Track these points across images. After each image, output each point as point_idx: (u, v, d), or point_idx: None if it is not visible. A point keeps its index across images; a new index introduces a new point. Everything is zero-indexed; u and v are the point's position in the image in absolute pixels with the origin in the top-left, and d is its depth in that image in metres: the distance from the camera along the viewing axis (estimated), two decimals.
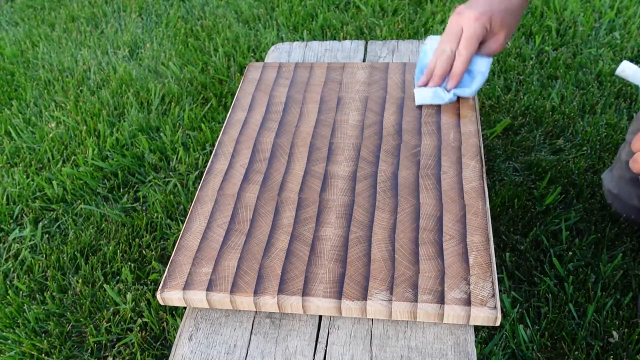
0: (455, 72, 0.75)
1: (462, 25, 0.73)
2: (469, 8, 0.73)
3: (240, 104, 0.84)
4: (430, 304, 0.54)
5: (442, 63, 0.75)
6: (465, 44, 0.73)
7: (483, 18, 0.72)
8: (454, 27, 0.73)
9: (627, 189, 1.04)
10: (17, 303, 1.06)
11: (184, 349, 0.57)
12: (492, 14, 0.72)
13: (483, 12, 0.72)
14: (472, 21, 0.72)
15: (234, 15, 1.99)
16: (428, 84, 0.78)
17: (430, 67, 0.77)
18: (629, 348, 0.90)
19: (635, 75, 0.82)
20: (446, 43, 0.74)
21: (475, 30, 0.72)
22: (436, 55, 0.76)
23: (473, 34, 0.72)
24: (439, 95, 0.77)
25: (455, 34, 0.73)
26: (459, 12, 0.73)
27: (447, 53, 0.74)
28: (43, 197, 1.31)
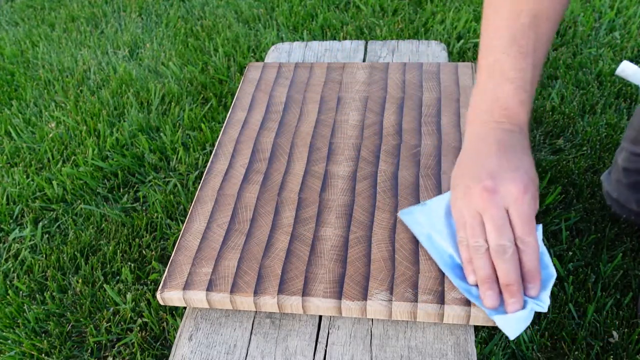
0: (533, 270, 0.52)
1: (507, 206, 0.52)
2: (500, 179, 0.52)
3: (240, 104, 0.84)
4: (430, 304, 0.54)
5: (510, 263, 0.51)
6: (525, 226, 0.51)
7: (530, 186, 0.53)
8: (496, 212, 0.51)
9: (625, 194, 1.04)
10: (17, 303, 1.06)
11: (184, 349, 0.57)
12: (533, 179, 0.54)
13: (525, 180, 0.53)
14: (520, 195, 0.52)
15: (234, 15, 1.99)
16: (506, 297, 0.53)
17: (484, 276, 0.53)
18: (629, 348, 0.90)
19: (635, 75, 0.83)
20: (496, 235, 0.51)
21: (530, 204, 0.52)
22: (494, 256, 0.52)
23: (530, 212, 0.52)
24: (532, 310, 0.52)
25: (503, 219, 0.52)
26: (492, 190, 0.52)
27: (509, 249, 0.51)
28: (43, 197, 1.31)
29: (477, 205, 0.52)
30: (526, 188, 0.52)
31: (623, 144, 1.01)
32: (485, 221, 0.52)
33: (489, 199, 0.52)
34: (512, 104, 0.57)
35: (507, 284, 0.51)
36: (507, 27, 0.58)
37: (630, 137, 0.99)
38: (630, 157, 1.00)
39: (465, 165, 0.56)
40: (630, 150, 0.99)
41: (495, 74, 0.58)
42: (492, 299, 0.52)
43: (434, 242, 0.57)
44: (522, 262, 0.52)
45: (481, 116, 0.58)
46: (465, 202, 0.53)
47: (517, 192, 0.52)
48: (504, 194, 0.52)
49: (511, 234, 0.52)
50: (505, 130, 0.56)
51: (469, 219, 0.53)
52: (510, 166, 0.53)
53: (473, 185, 0.53)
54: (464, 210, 0.53)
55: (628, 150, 1.00)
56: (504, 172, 0.53)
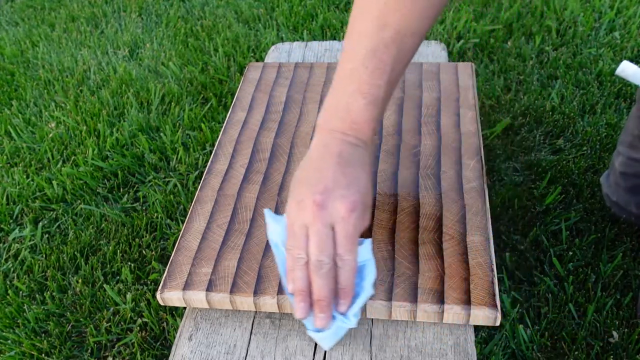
0: (346, 287, 0.53)
1: (332, 223, 0.52)
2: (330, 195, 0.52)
3: (240, 104, 0.84)
4: (430, 304, 0.54)
5: (324, 279, 0.52)
6: (347, 246, 0.52)
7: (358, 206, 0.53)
8: (320, 227, 0.52)
9: (624, 197, 1.04)
10: (17, 303, 1.06)
11: (184, 349, 0.57)
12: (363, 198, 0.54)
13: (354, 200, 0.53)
14: (346, 215, 0.52)
15: (234, 15, 1.99)
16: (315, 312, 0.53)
17: (299, 288, 0.53)
18: (629, 348, 0.90)
19: (635, 75, 0.82)
20: (317, 249, 0.51)
21: (355, 225, 0.52)
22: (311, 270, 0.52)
23: (353, 232, 0.52)
24: (340, 327, 0.54)
25: (326, 235, 0.52)
26: (320, 205, 0.52)
27: (326, 265, 0.51)
28: (43, 197, 1.31)
29: (305, 217, 0.52)
30: (353, 207, 0.52)
31: (619, 148, 1.01)
32: (310, 235, 0.52)
33: (316, 214, 0.52)
34: (362, 119, 0.57)
35: (318, 299, 0.52)
36: (370, 37, 0.56)
37: (626, 142, 0.99)
38: (627, 162, 1.00)
39: (305, 172, 0.56)
40: (627, 155, 0.99)
41: (351, 84, 0.57)
42: (303, 310, 0.53)
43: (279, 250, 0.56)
44: (338, 279, 0.53)
45: (330, 124, 0.58)
46: (297, 213, 0.53)
47: (344, 211, 0.52)
48: (331, 211, 0.52)
49: (331, 250, 0.52)
50: (350, 143, 0.57)
51: (297, 229, 0.53)
52: (345, 182, 0.53)
53: (306, 197, 0.53)
54: (295, 220, 0.53)
55: (625, 155, 1.00)
56: (337, 189, 0.53)
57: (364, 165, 0.57)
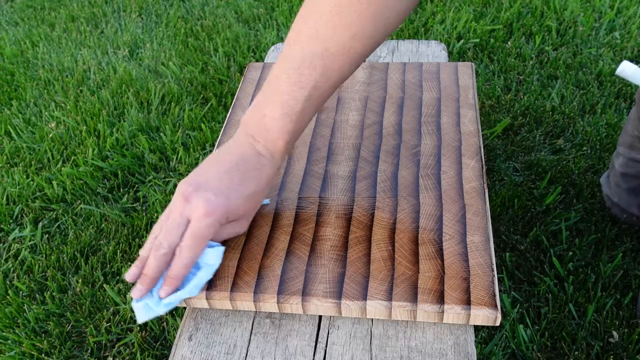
0: (173, 276, 0.55)
1: (189, 217, 0.54)
2: (198, 192, 0.54)
3: (240, 104, 0.84)
4: (430, 304, 0.54)
5: (156, 260, 0.55)
6: (190, 242, 0.54)
7: (217, 213, 0.54)
8: (177, 216, 0.55)
9: (625, 198, 1.04)
10: (17, 303, 1.06)
11: (184, 349, 0.57)
12: (229, 207, 0.55)
13: (216, 206, 0.54)
14: (201, 216, 0.54)
15: (234, 15, 1.99)
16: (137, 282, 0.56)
17: (141, 257, 0.56)
18: (629, 348, 0.90)
19: (635, 75, 0.83)
20: (164, 234, 0.55)
21: (206, 228, 0.54)
22: (150, 245, 0.56)
23: (201, 234, 0.54)
24: (150, 308, 0.56)
25: (178, 225, 0.55)
26: (186, 197, 0.54)
27: (163, 249, 0.54)
28: (43, 197, 1.31)
29: (174, 202, 0.56)
30: (211, 212, 0.54)
31: (619, 149, 1.01)
32: (164, 213, 0.57)
33: (178, 203, 0.55)
34: (274, 129, 0.57)
35: (144, 273, 0.55)
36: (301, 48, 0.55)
37: (626, 143, 0.99)
38: (627, 163, 1.00)
39: (204, 164, 0.58)
40: (627, 156, 0.99)
41: (273, 90, 0.57)
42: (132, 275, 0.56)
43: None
44: (170, 266, 0.55)
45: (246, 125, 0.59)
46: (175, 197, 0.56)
47: (200, 211, 0.54)
48: (192, 206, 0.54)
49: (176, 240, 0.55)
50: (254, 150, 0.58)
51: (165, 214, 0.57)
52: (218, 187, 0.55)
53: (179, 186, 0.56)
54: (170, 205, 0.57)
55: (625, 156, 1.00)
56: (207, 190, 0.55)
57: (259, 177, 0.58)
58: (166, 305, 0.56)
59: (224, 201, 0.55)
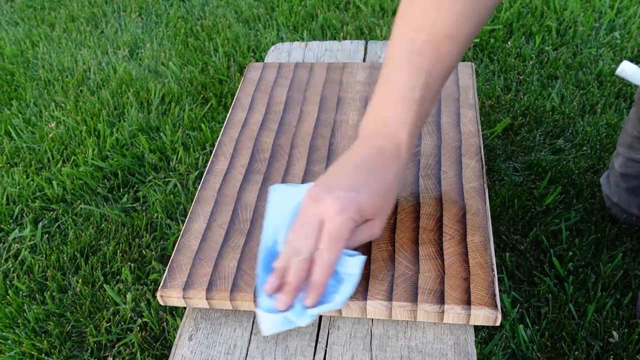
0: (317, 282, 0.52)
1: (322, 218, 0.52)
2: (329, 192, 0.53)
3: (240, 104, 0.84)
4: (430, 304, 0.54)
5: (296, 269, 0.52)
6: (328, 245, 0.52)
7: (350, 209, 0.52)
8: (310, 218, 0.53)
9: (625, 198, 1.04)
10: (17, 303, 1.06)
11: (184, 349, 0.57)
12: (360, 202, 0.53)
13: (348, 202, 0.52)
14: (335, 215, 0.52)
15: (234, 15, 1.99)
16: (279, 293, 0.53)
17: (278, 268, 0.54)
18: (629, 348, 0.90)
19: (635, 75, 0.83)
20: (300, 239, 0.53)
21: (341, 226, 0.52)
22: (288, 254, 0.53)
23: (338, 234, 0.52)
24: (289, 320, 0.52)
25: (313, 228, 0.52)
26: (316, 198, 0.53)
27: (302, 255, 0.52)
28: (43, 197, 1.31)
29: (303, 207, 0.54)
30: (343, 209, 0.52)
31: (618, 149, 1.01)
32: (297, 223, 0.54)
33: (310, 204, 0.53)
34: (394, 121, 0.56)
35: (286, 282, 0.53)
36: (408, 41, 0.56)
37: (625, 143, 0.99)
38: (627, 163, 1.00)
39: (327, 172, 0.57)
40: (627, 156, 0.99)
41: (386, 87, 0.57)
42: (272, 286, 0.53)
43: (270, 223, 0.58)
44: (311, 273, 0.53)
45: (364, 127, 0.59)
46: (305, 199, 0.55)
47: (333, 210, 0.52)
48: (324, 207, 0.52)
49: (313, 243, 0.52)
50: (377, 147, 0.56)
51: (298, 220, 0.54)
52: (349, 185, 0.54)
53: (311, 188, 0.54)
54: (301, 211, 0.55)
55: (624, 156, 1.00)
56: (337, 189, 0.53)
57: (386, 172, 0.56)
58: (311, 316, 0.52)
59: (355, 196, 0.53)
